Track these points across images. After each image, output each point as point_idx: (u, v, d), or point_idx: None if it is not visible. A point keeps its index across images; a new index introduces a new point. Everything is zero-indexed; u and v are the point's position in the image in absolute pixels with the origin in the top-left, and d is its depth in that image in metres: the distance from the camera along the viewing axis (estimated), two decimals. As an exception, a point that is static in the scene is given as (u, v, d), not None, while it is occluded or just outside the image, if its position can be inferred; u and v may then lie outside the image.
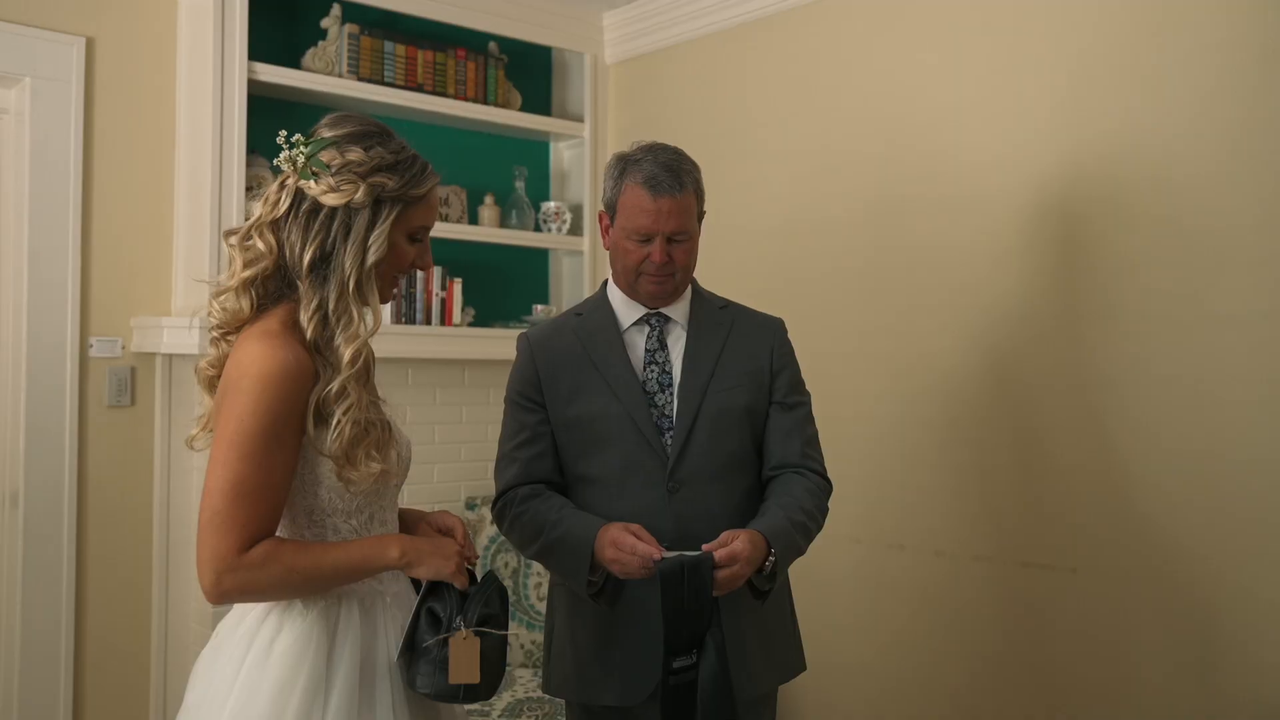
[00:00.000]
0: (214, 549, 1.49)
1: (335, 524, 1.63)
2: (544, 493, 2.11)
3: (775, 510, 2.03)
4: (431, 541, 1.64)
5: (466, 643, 1.58)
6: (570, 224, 4.07)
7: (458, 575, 1.62)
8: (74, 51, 3.20)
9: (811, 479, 2.12)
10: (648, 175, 2.07)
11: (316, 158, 1.58)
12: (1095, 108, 2.74)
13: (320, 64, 3.51)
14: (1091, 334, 2.74)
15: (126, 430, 3.31)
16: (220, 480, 1.50)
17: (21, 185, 3.15)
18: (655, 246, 2.07)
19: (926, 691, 3.06)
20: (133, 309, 3.31)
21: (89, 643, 3.25)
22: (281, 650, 1.56)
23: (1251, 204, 2.47)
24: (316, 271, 1.58)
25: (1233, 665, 2.49)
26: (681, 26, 3.85)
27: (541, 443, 2.13)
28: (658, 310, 2.16)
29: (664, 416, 2.10)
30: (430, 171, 1.67)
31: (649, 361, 2.13)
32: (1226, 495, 2.50)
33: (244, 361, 1.53)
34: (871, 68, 3.27)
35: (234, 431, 1.50)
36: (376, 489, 1.64)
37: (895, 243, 3.18)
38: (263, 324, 1.58)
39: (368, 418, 1.58)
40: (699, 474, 2.06)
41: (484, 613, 1.61)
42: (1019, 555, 2.85)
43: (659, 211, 2.05)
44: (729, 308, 2.24)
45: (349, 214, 1.58)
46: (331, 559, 1.56)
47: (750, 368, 2.15)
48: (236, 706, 1.53)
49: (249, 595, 1.55)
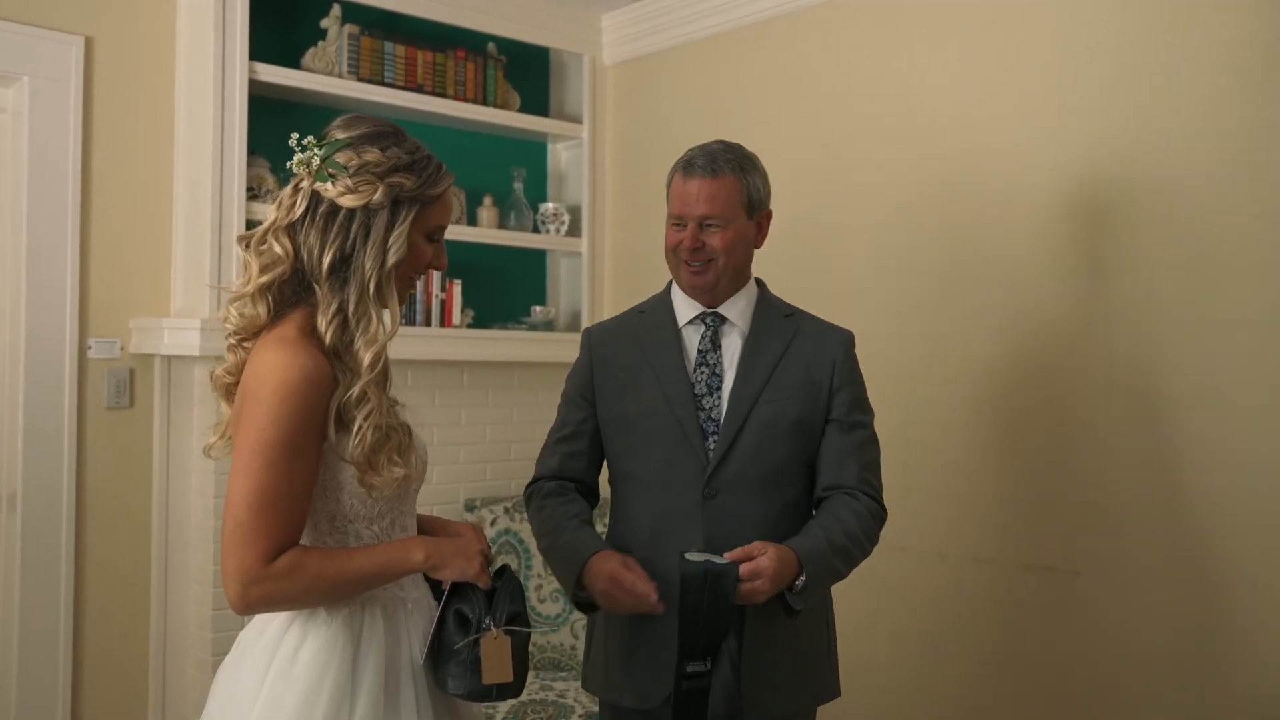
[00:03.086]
0: (239, 561, 1.48)
1: (357, 530, 1.62)
2: (569, 493, 2.13)
3: (816, 531, 1.99)
4: (454, 542, 1.64)
5: (498, 642, 1.59)
6: (569, 225, 4.07)
7: (482, 575, 1.62)
8: (73, 51, 3.18)
9: (863, 503, 2.06)
10: (686, 160, 2.08)
11: (332, 159, 1.57)
12: (1097, 108, 2.75)
13: (320, 64, 3.49)
14: (1095, 337, 2.75)
15: (125, 432, 3.29)
16: (243, 491, 1.49)
17: (20, 185, 3.13)
18: (687, 231, 2.05)
19: (928, 694, 3.07)
20: (131, 310, 3.30)
21: (87, 645, 3.23)
22: (306, 660, 1.55)
23: (1263, 209, 2.49)
24: (336, 274, 1.57)
25: (1236, 668, 2.51)
26: (680, 29, 3.85)
27: (581, 441, 2.15)
28: (714, 310, 2.11)
29: (710, 420, 2.06)
30: (445, 171, 1.67)
31: (700, 362, 2.10)
32: (1229, 497, 2.52)
33: (262, 370, 1.52)
34: (871, 72, 3.28)
35: (255, 441, 1.49)
36: (398, 493, 1.64)
37: (897, 246, 3.19)
38: (280, 330, 1.57)
39: (388, 422, 1.57)
40: (738, 482, 2.03)
41: (512, 610, 1.62)
42: (1021, 558, 2.87)
43: (689, 194, 2.04)
44: (795, 315, 2.18)
45: (368, 215, 1.57)
46: (357, 565, 1.56)
47: (807, 379, 2.08)
48: (262, 715, 1.53)
49: (276, 605, 1.53)
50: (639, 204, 4.01)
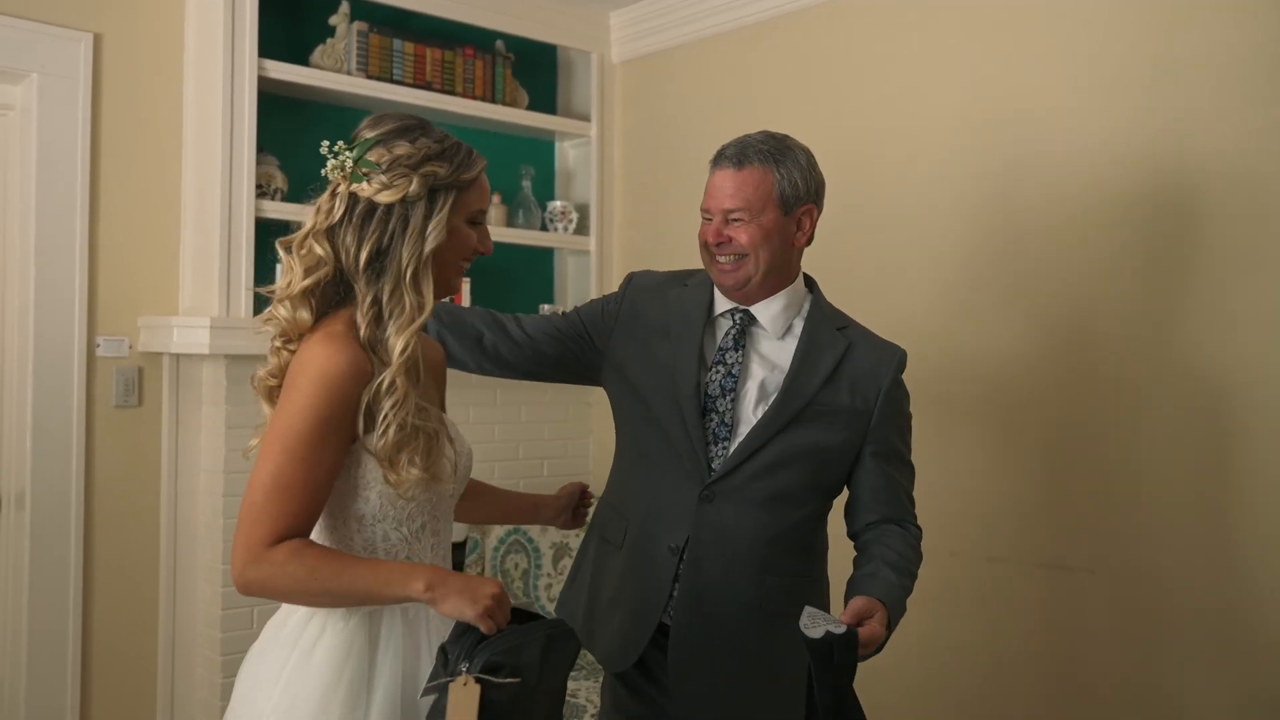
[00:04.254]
0: (245, 538, 1.50)
1: (385, 530, 1.60)
2: (489, 314, 2.09)
3: (894, 580, 1.89)
4: (464, 579, 1.51)
5: (466, 690, 1.42)
6: (576, 223, 4.06)
7: (483, 619, 1.47)
8: (81, 48, 3.16)
9: (913, 533, 2.01)
10: (720, 151, 1.99)
11: (365, 159, 1.58)
12: (1102, 109, 2.74)
13: (329, 61, 3.48)
14: (1110, 335, 2.74)
15: (134, 430, 3.28)
16: (262, 474, 1.51)
17: (28, 182, 3.12)
18: (713, 224, 1.96)
19: (942, 693, 3.06)
20: (140, 308, 3.28)
21: (96, 644, 3.22)
22: (322, 655, 1.55)
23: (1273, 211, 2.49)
24: (372, 267, 1.58)
25: (1254, 666, 2.50)
26: (689, 26, 3.84)
27: (544, 337, 2.07)
28: (745, 308, 2.01)
29: (723, 424, 1.96)
30: (476, 155, 1.67)
31: (717, 360, 1.99)
32: (1245, 494, 2.51)
33: (304, 360, 1.54)
34: (881, 69, 3.27)
35: (283, 427, 1.51)
36: (429, 497, 1.62)
37: (906, 244, 3.18)
38: (327, 326, 1.59)
39: (415, 422, 1.56)
40: (741, 493, 1.95)
41: (498, 661, 1.44)
42: (1036, 556, 2.86)
43: (715, 185, 1.96)
44: (848, 329, 2.04)
45: (406, 208, 1.58)
46: (354, 574, 1.51)
47: (850, 406, 1.97)
48: (280, 705, 1.54)
49: (269, 590, 1.52)
50: (647, 202, 4.00)
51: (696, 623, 1.95)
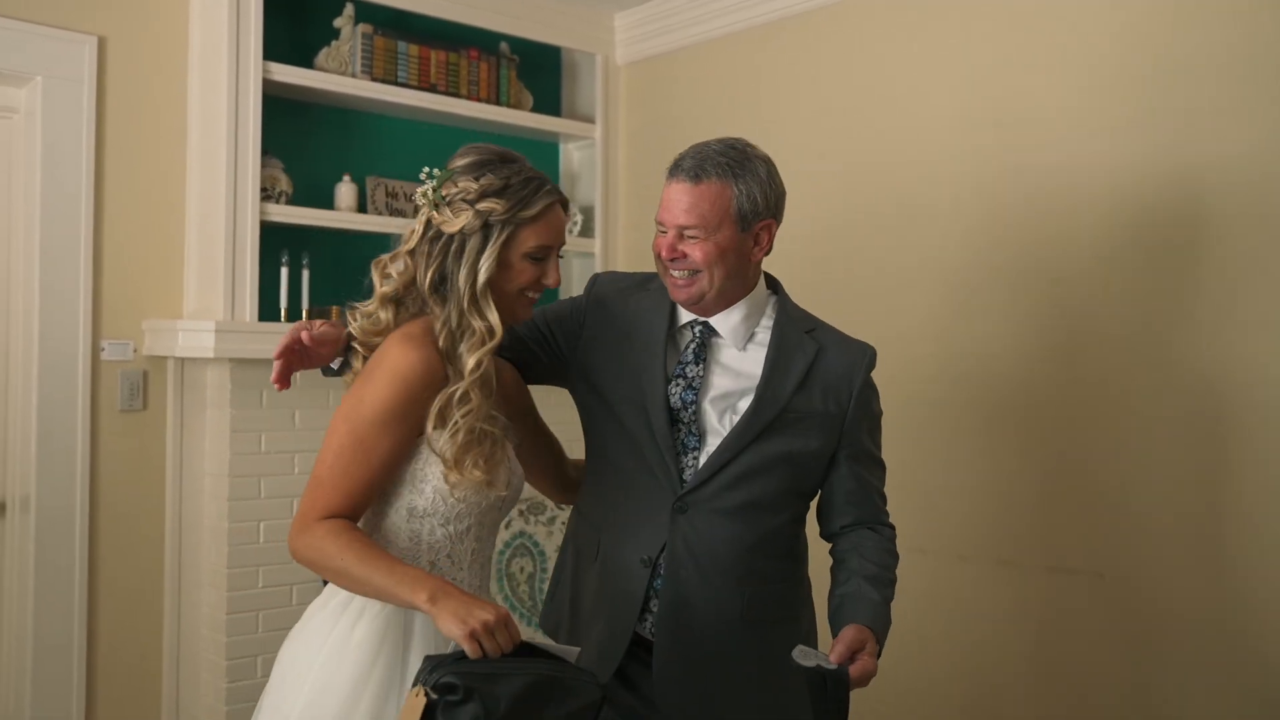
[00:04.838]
0: (303, 507, 1.64)
1: (432, 525, 1.70)
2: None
3: (876, 597, 1.87)
4: (465, 599, 1.53)
5: (414, 699, 1.46)
6: (581, 225, 4.05)
7: (468, 640, 1.48)
8: (86, 50, 3.16)
9: (886, 534, 1.99)
10: (677, 159, 1.90)
11: (439, 190, 1.74)
12: (1104, 109, 2.73)
13: (334, 64, 3.47)
14: (1110, 337, 2.73)
15: (138, 434, 3.27)
16: (327, 450, 1.65)
17: (32, 186, 3.11)
18: (667, 238, 1.88)
19: (948, 697, 3.04)
20: (144, 312, 3.28)
21: (100, 648, 3.21)
22: (358, 642, 1.64)
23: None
24: (438, 292, 1.74)
25: (1262, 671, 2.49)
26: (694, 28, 3.83)
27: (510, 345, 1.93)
28: (703, 320, 1.95)
29: (691, 434, 1.91)
30: (544, 192, 1.75)
31: (677, 374, 1.93)
32: (1245, 498, 2.50)
33: (383, 354, 1.70)
34: (885, 71, 3.26)
35: (351, 409, 1.65)
36: (479, 500, 1.71)
37: (913, 247, 3.17)
38: (407, 328, 1.74)
39: (483, 428, 1.68)
40: (714, 503, 1.90)
41: (448, 681, 1.45)
42: (1044, 560, 2.85)
43: (669, 199, 1.88)
44: (816, 331, 1.98)
45: (462, 239, 1.72)
46: (373, 566, 1.57)
47: (824, 410, 1.93)
48: (312, 694, 1.61)
49: (308, 560, 1.62)
50: (651, 204, 3.93)
51: (679, 635, 1.91)
